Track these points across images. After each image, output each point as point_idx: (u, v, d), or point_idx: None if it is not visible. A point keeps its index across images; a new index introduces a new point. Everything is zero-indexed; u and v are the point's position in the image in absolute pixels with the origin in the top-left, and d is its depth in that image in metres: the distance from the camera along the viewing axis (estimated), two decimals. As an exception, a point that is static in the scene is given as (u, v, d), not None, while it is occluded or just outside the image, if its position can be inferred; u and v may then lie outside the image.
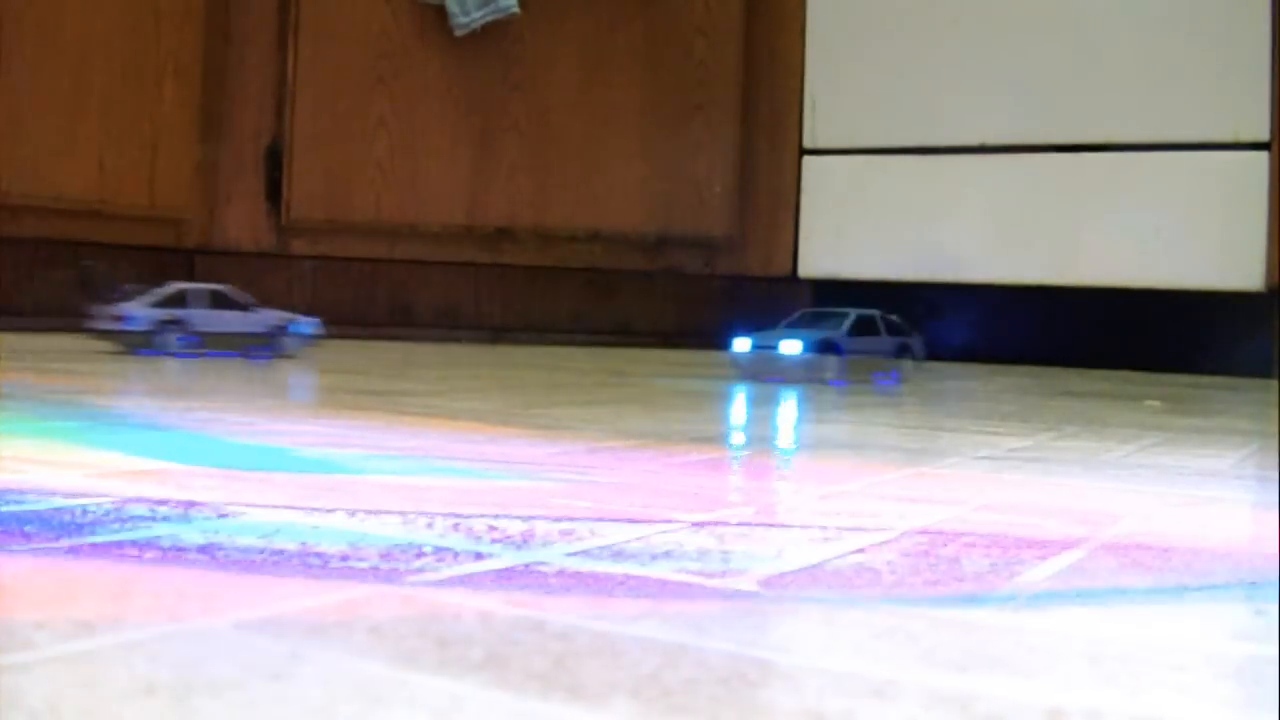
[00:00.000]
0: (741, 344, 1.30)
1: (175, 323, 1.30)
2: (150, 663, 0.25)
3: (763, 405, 1.07)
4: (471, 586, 0.34)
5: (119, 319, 1.29)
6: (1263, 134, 1.87)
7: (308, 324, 1.40)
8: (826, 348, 1.28)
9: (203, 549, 0.37)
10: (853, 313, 1.34)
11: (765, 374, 1.29)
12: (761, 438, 0.78)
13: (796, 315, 1.40)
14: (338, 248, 2.06)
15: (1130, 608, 0.35)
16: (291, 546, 0.38)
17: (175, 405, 0.84)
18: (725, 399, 1.14)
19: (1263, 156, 1.87)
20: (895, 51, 2.10)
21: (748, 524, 0.46)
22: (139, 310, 1.30)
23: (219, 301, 1.35)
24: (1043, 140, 2.01)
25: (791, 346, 1.28)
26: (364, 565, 0.36)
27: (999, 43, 2.03)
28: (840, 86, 2.14)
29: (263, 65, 2.02)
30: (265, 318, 1.37)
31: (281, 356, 1.36)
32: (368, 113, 2.04)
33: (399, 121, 2.05)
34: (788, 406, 1.09)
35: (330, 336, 2.01)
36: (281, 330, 1.37)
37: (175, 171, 1.92)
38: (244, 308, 1.36)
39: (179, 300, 1.32)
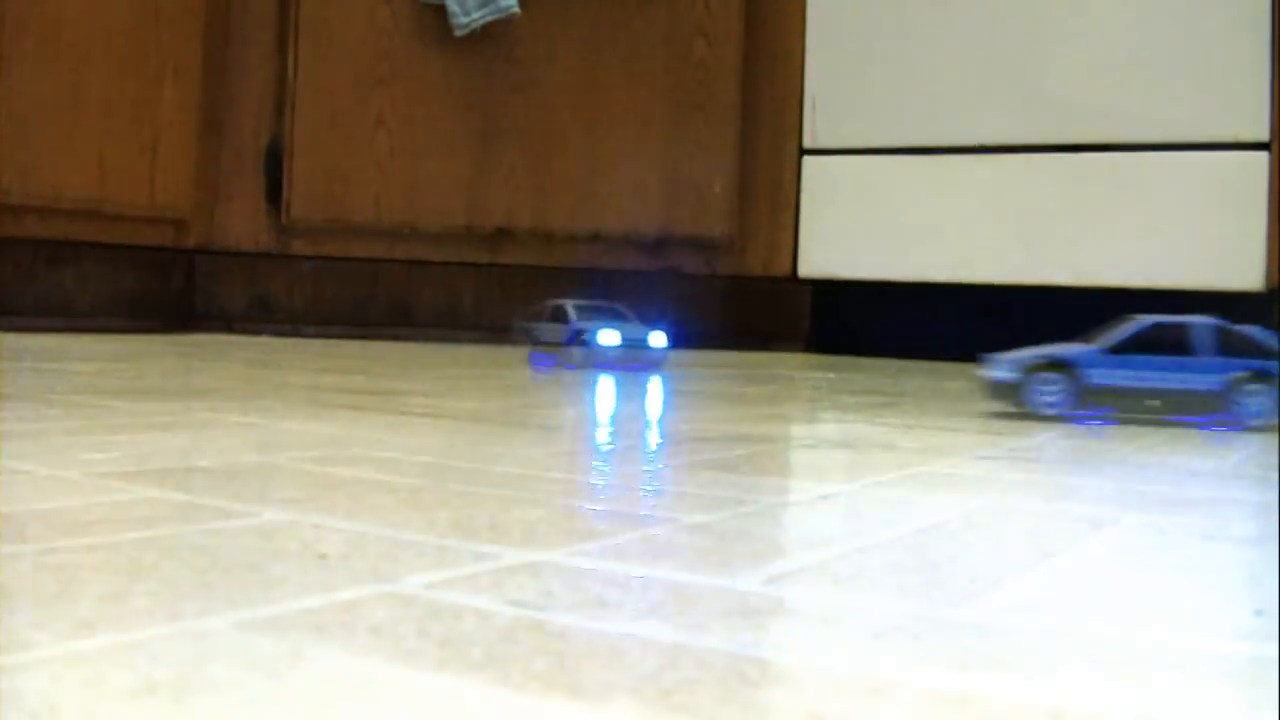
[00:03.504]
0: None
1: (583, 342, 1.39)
2: (150, 663, 0.25)
3: (758, 404, 1.07)
4: (471, 586, 0.34)
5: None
6: (1263, 134, 1.87)
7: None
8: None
9: (203, 549, 0.37)
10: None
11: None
12: (761, 437, 0.78)
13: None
14: (338, 248, 2.06)
15: (1131, 607, 0.35)
16: (292, 546, 0.38)
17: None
18: (724, 399, 1.14)
19: (1263, 156, 1.87)
20: (895, 51, 2.10)
21: (748, 524, 0.46)
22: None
23: (614, 316, 1.42)
24: (1043, 140, 2.01)
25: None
26: (364, 565, 0.36)
27: (999, 43, 2.03)
28: (840, 86, 2.14)
29: (263, 65, 2.02)
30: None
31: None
32: (367, 113, 2.04)
33: (399, 122, 2.05)
34: (785, 406, 1.09)
35: (329, 336, 2.01)
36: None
37: (175, 171, 1.92)
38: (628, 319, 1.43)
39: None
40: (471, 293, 2.13)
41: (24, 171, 1.74)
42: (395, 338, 2.05)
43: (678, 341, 1.54)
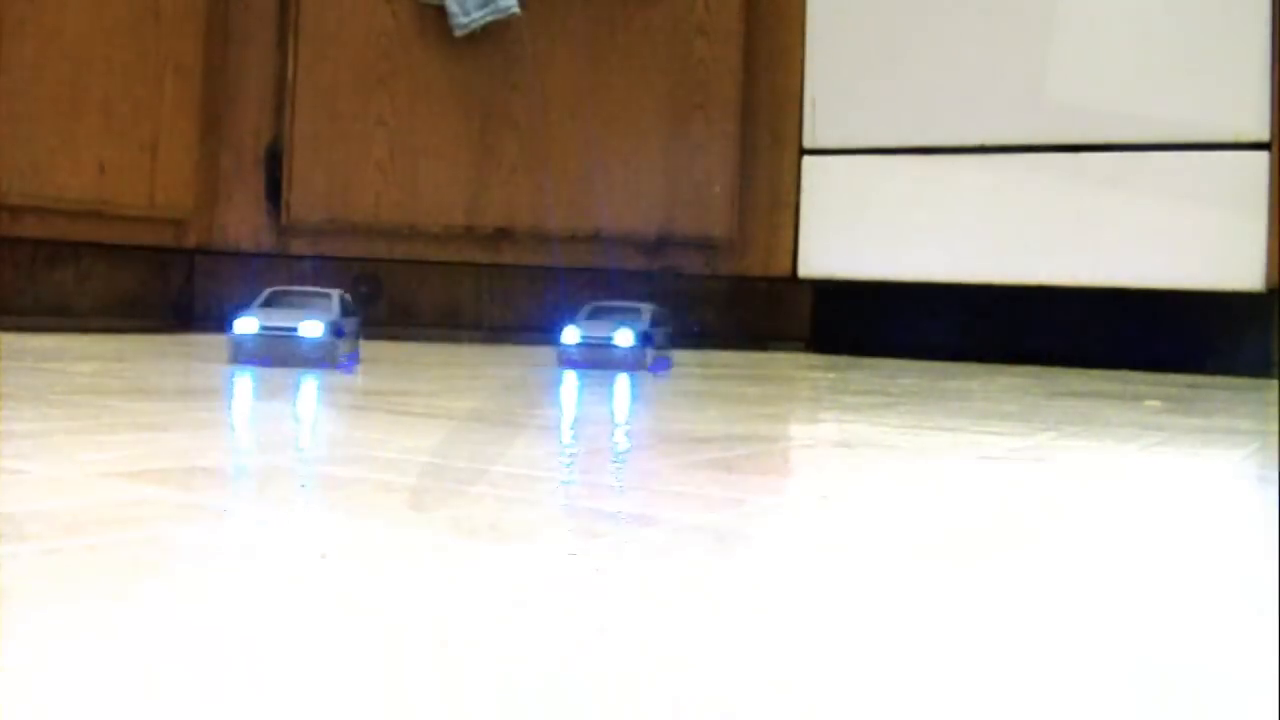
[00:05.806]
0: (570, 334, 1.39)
1: None
2: (150, 663, 0.25)
3: (757, 404, 1.07)
4: (472, 586, 0.34)
5: None
6: (1263, 134, 1.87)
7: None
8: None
9: (203, 549, 0.37)
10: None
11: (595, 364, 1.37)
12: (761, 437, 0.78)
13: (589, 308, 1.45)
14: (338, 248, 2.06)
15: (1130, 607, 0.35)
16: (292, 547, 0.38)
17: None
18: (724, 399, 1.14)
19: (1263, 156, 1.87)
20: (895, 51, 2.10)
21: (748, 525, 0.46)
22: None
23: None
24: (1043, 140, 2.01)
25: (624, 337, 1.37)
26: (364, 565, 0.36)
27: (999, 42, 2.03)
28: (840, 86, 2.14)
29: (263, 65, 2.02)
30: None
31: None
32: (368, 113, 2.04)
33: (399, 121, 2.05)
34: (784, 406, 1.09)
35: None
36: None
37: (175, 171, 1.92)
38: None
39: None
40: (471, 292, 2.13)
41: (24, 171, 1.74)
42: (395, 337, 2.05)
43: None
